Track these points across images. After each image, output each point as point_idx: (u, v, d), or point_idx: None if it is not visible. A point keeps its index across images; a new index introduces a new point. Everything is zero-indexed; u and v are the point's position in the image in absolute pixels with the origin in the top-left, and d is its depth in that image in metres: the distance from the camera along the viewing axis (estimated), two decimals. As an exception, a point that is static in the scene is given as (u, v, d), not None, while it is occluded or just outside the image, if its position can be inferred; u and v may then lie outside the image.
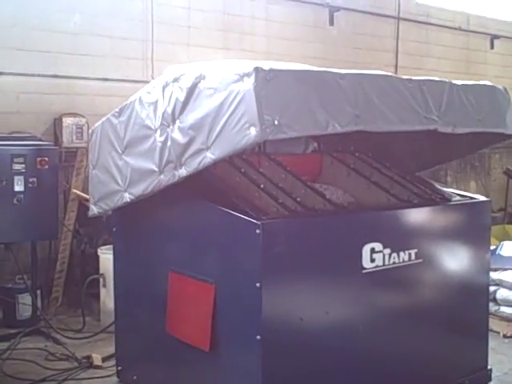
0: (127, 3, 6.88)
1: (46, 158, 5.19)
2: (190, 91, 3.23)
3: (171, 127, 3.34)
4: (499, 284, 5.47)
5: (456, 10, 10.42)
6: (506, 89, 4.06)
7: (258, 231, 3.04)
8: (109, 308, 5.33)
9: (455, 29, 10.24)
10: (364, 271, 3.44)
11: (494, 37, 10.55)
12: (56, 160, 5.39)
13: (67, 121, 6.29)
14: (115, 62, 6.79)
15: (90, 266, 6.13)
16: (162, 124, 3.41)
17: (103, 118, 4.00)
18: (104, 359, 4.77)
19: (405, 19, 9.50)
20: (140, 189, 3.58)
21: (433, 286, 3.83)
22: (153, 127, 3.48)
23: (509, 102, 4.00)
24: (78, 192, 6.10)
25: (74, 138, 6.27)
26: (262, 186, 3.56)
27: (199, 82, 3.21)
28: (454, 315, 3.94)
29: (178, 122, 3.30)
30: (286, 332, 3.18)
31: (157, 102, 3.49)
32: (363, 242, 3.42)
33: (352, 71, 3.29)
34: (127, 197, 3.70)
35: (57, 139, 6.30)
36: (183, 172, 3.26)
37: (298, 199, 3.51)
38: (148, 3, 6.96)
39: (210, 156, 3.08)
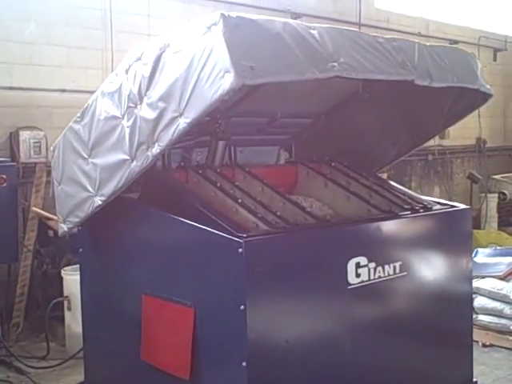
0: (85, 11, 6.61)
1: (4, 176, 4.91)
2: (155, 63, 3.01)
3: (139, 107, 3.08)
4: (476, 292, 5.41)
5: (416, 15, 10.48)
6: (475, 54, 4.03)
7: (240, 250, 2.84)
8: (75, 332, 5.06)
9: (415, 34, 10.26)
10: (350, 287, 3.28)
11: (453, 42, 10.61)
12: (14, 177, 5.10)
13: (24, 134, 5.99)
14: (73, 73, 6.51)
15: (53, 288, 5.83)
16: (128, 107, 3.14)
17: (64, 130, 3.74)
18: (72, 389, 4.51)
19: (365, 25, 9.47)
20: (111, 186, 3.29)
21: (418, 299, 3.70)
22: (119, 115, 3.20)
23: (478, 67, 3.92)
24: (38, 210, 5.78)
25: (32, 152, 5.97)
26: (239, 200, 3.37)
27: (164, 51, 3.00)
28: (439, 327, 3.83)
29: (145, 98, 3.04)
30: (273, 356, 2.99)
31: (121, 86, 3.22)
32: (348, 257, 3.26)
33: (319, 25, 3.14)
34: (98, 200, 3.39)
35: (13, 154, 5.98)
36: (156, 149, 3.01)
37: (278, 213, 3.33)
38: (107, 11, 6.71)
39: (183, 121, 2.84)
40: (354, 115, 4.44)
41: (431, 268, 3.77)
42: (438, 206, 3.96)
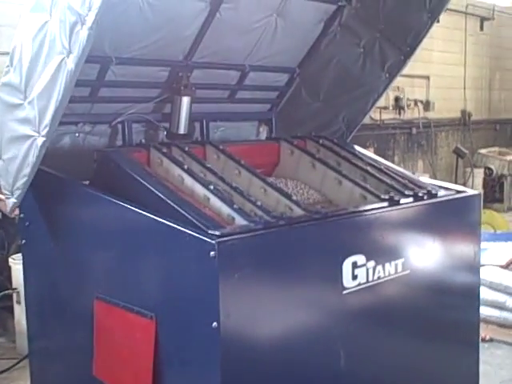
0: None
1: None
2: None
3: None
4: (474, 281, 4.89)
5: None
6: None
7: (212, 253, 2.25)
8: (25, 329, 4.44)
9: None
10: (345, 292, 2.72)
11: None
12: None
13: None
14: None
15: (3, 276, 5.21)
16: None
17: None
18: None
19: None
20: (51, 107, 2.66)
21: (422, 300, 3.15)
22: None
23: None
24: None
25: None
26: (211, 186, 2.77)
27: None
28: (447, 326, 3.29)
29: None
30: (253, 380, 2.42)
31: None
32: (344, 256, 2.70)
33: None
34: (41, 139, 2.73)
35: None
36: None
37: (259, 203, 2.73)
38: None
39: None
40: (330, 55, 3.98)
41: (436, 263, 3.22)
42: (444, 192, 3.39)
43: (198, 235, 2.31)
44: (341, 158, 3.56)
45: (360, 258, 2.76)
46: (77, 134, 3.38)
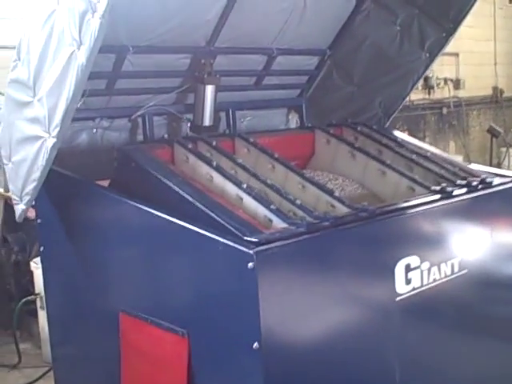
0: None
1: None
2: None
3: None
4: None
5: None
6: None
7: (250, 264, 1.96)
8: (49, 336, 4.23)
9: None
10: (398, 298, 2.42)
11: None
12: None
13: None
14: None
15: (26, 280, 4.99)
16: None
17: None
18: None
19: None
20: (61, 107, 2.39)
21: (484, 301, 2.84)
22: None
23: None
24: (2, 191, 4.88)
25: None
26: (243, 185, 2.48)
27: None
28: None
29: None
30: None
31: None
32: (396, 258, 2.40)
33: None
34: (51, 140, 2.46)
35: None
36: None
37: (298, 201, 2.44)
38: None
39: None
40: (363, 34, 3.67)
41: (496, 260, 2.91)
42: (499, 180, 3.06)
43: (232, 244, 2.03)
44: (382, 146, 3.26)
45: (414, 260, 2.46)
46: (94, 130, 3.15)
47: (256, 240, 2.06)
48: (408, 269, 2.44)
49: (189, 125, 3.30)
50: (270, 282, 1.99)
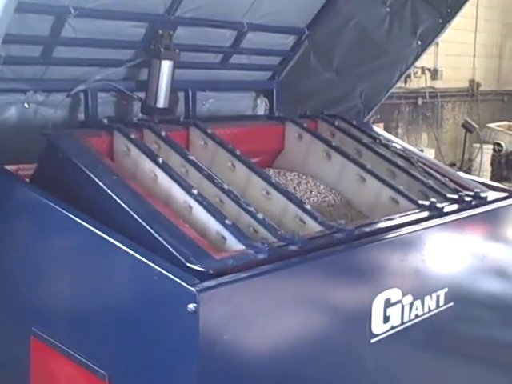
0: None
1: None
2: None
3: None
4: None
5: None
6: None
7: (191, 306, 1.49)
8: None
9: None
10: (373, 340, 1.99)
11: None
12: None
13: None
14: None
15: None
16: None
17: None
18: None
19: None
20: None
21: (472, 338, 2.44)
22: None
23: None
24: None
25: None
26: (194, 191, 2.00)
27: None
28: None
29: None
30: None
31: None
32: (375, 292, 1.96)
33: None
34: None
35: None
36: None
37: (260, 215, 1.97)
38: None
39: None
40: (348, 14, 3.31)
41: (488, 289, 2.51)
42: (493, 195, 2.64)
43: (170, 275, 1.55)
44: (362, 145, 2.82)
45: (394, 293, 2.03)
46: (26, 105, 2.72)
47: (202, 269, 1.59)
48: (387, 304, 2.01)
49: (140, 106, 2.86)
50: (215, 329, 1.53)
